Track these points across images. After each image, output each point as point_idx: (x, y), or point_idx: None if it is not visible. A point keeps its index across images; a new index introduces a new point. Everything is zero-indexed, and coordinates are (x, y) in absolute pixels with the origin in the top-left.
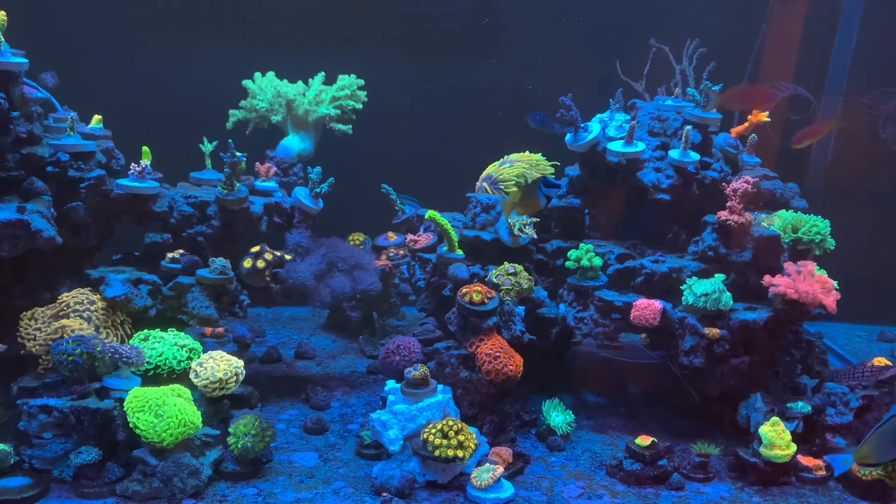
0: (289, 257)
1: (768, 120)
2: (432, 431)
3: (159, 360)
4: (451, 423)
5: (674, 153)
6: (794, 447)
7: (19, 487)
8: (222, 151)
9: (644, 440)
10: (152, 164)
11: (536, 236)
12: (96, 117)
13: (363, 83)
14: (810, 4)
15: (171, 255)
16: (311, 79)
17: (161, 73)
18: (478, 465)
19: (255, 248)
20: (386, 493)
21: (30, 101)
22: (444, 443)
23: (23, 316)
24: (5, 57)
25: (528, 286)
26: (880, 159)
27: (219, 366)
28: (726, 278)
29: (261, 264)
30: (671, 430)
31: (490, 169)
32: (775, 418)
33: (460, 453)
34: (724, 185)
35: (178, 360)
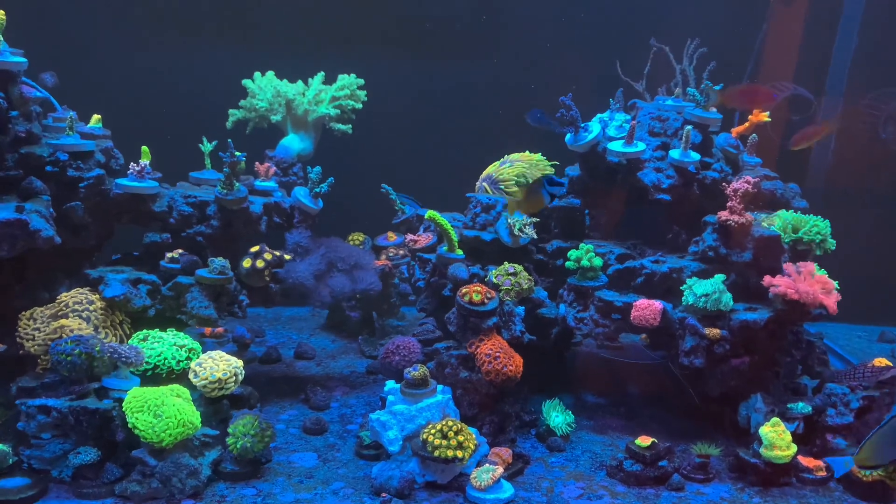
0: (288, 257)
1: (769, 120)
2: (432, 432)
3: (158, 360)
4: (450, 423)
5: (674, 153)
6: (794, 448)
7: (18, 488)
8: (222, 151)
9: (644, 441)
10: (151, 163)
11: (536, 236)
12: (95, 117)
13: (363, 83)
14: (811, 4)
15: (170, 254)
16: (311, 78)
17: (161, 72)
18: (477, 465)
19: (255, 248)
20: (385, 494)
21: (29, 101)
22: (444, 443)
23: (21, 316)
24: (4, 56)
25: (528, 286)
26: (881, 159)
27: (218, 366)
28: (726, 278)
29: (260, 264)
30: (671, 430)
31: (490, 169)
32: (776, 419)
33: (460, 454)
34: (725, 186)
35: (177, 360)
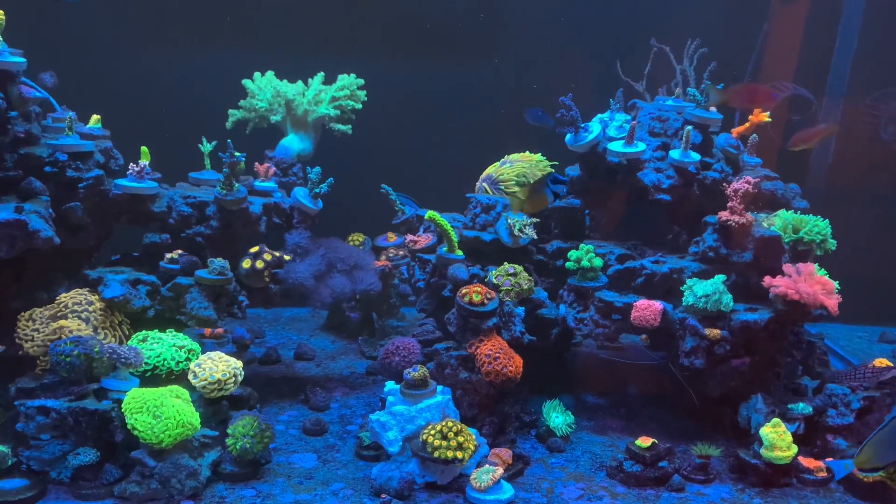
0: (288, 258)
1: (769, 120)
2: (431, 433)
3: (157, 360)
4: (450, 424)
5: (674, 153)
6: (795, 448)
7: (17, 489)
8: (221, 151)
9: (644, 441)
10: (151, 164)
11: (536, 237)
12: (95, 117)
13: (363, 83)
14: (811, 5)
15: (169, 255)
16: (311, 79)
17: (160, 72)
18: (477, 466)
19: (254, 249)
20: (385, 495)
21: (28, 101)
22: (444, 444)
23: (21, 317)
24: (3, 56)
25: (528, 287)
26: (881, 160)
27: (217, 367)
28: (727, 279)
29: (260, 265)
30: (672, 431)
31: (490, 169)
32: (776, 419)
33: (460, 454)
34: (725, 186)
35: (176, 361)
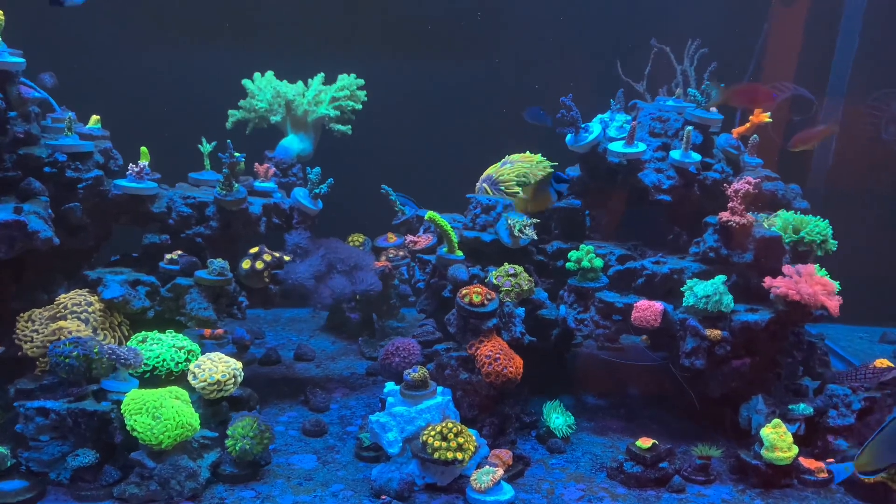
0: (288, 258)
1: (770, 121)
2: (431, 434)
3: (157, 361)
4: (450, 425)
5: (675, 154)
6: (795, 449)
7: (16, 490)
8: (221, 152)
9: (645, 442)
10: (150, 164)
11: (536, 237)
12: (94, 117)
13: (363, 83)
14: (812, 5)
15: (169, 256)
16: (311, 79)
17: (160, 72)
18: (477, 467)
19: (254, 250)
20: (385, 496)
21: (27, 101)
22: (444, 445)
23: (20, 317)
24: (3, 56)
25: (528, 287)
26: (882, 160)
27: (217, 367)
28: (727, 280)
29: (259, 265)
30: (672, 432)
31: (490, 170)
32: (777, 420)
33: (460, 455)
34: (726, 186)
35: (175, 362)
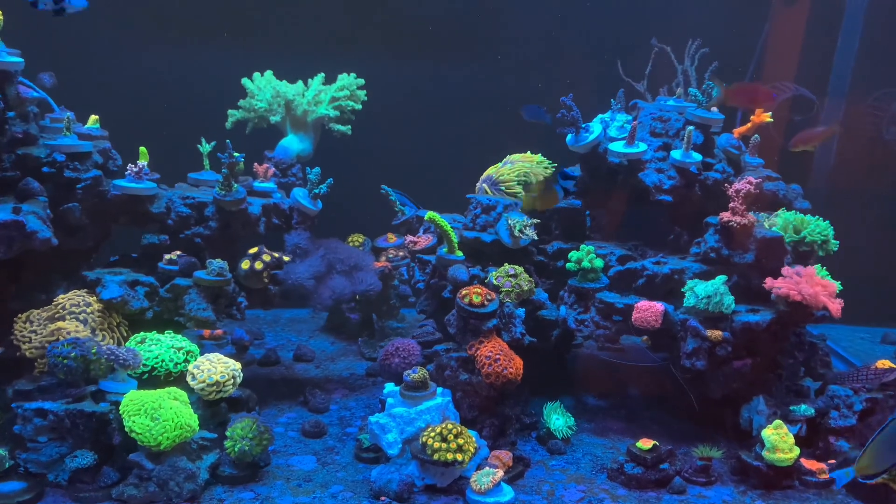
0: (287, 259)
1: (771, 120)
2: (431, 435)
3: (156, 362)
4: (450, 426)
5: (676, 154)
6: (797, 450)
7: (14, 492)
8: (220, 152)
9: (645, 443)
10: (149, 164)
11: (537, 237)
12: (93, 117)
13: (363, 83)
14: (813, 5)
15: (168, 256)
16: (311, 79)
17: (159, 72)
18: (477, 468)
19: (253, 250)
20: (384, 497)
21: (26, 101)
22: (444, 446)
23: (18, 318)
24: (1, 56)
25: (528, 288)
26: (883, 160)
27: (216, 368)
28: (728, 280)
29: (259, 266)
30: (673, 433)
31: (490, 170)
32: (778, 421)
33: (459, 457)
34: (727, 186)
35: (174, 363)
